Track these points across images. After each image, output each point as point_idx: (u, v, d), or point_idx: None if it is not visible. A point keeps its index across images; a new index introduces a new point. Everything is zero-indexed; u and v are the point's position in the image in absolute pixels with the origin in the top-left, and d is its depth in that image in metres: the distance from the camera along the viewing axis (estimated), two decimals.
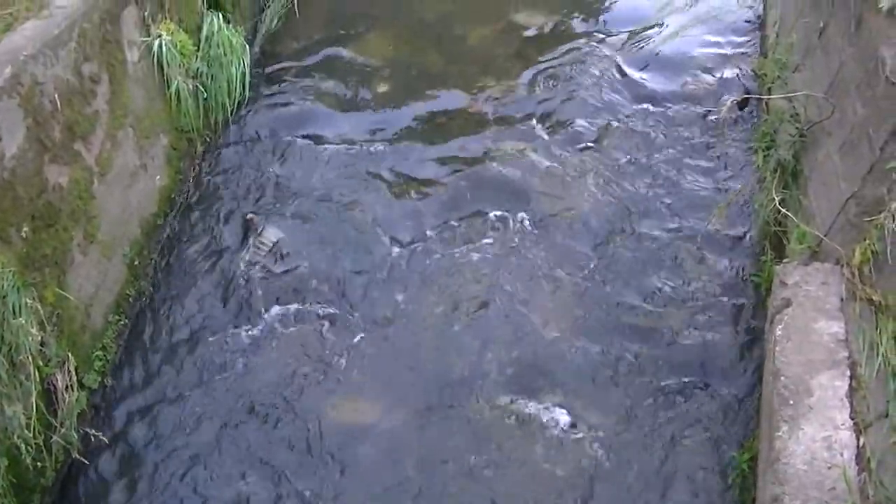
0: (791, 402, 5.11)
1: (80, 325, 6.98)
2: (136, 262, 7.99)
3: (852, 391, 5.10)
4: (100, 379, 7.17)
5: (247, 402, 7.19)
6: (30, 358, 5.93)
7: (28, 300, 5.99)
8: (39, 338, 6.11)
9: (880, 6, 6.03)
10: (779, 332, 5.57)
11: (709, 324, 7.50)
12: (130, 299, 7.87)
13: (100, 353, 7.24)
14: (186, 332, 7.76)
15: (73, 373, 6.52)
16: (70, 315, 6.80)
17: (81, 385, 6.77)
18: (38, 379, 6.05)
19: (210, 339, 7.69)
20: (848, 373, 5.19)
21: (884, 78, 5.54)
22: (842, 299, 5.64)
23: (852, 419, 4.96)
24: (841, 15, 6.77)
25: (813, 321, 5.56)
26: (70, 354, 6.55)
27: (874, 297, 5.29)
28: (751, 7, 11.50)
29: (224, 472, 6.77)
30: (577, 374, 7.24)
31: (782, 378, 5.25)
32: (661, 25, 10.85)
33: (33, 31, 6.67)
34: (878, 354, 4.94)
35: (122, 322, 7.66)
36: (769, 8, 11.06)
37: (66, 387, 6.43)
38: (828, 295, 5.71)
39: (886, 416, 4.66)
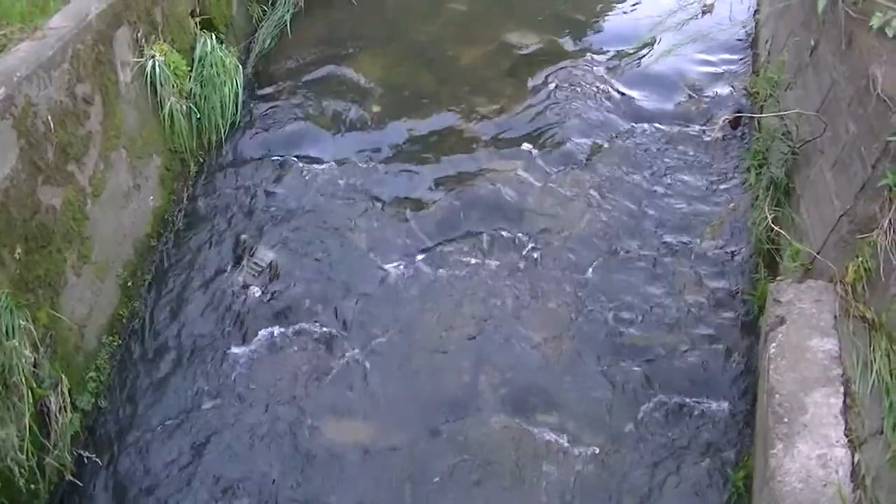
0: (785, 419, 5.11)
1: (74, 347, 6.96)
2: (130, 283, 7.98)
3: (846, 408, 5.11)
4: (93, 400, 7.15)
5: (240, 422, 7.15)
6: (23, 380, 5.91)
7: (21, 322, 5.98)
8: (33, 359, 6.09)
9: (871, 24, 6.07)
10: (773, 350, 5.57)
11: (703, 342, 7.49)
12: (124, 320, 7.85)
13: (93, 374, 7.22)
14: (180, 353, 7.73)
15: (67, 394, 6.48)
16: (63, 336, 6.78)
17: (75, 407, 6.74)
18: (31, 401, 6.01)
19: (203, 360, 7.66)
20: (842, 390, 5.20)
21: (875, 96, 5.57)
22: (835, 316, 5.65)
23: (847, 436, 4.96)
24: (832, 33, 6.81)
25: (807, 338, 5.57)
26: (63, 376, 6.51)
27: (867, 315, 5.31)
28: (743, 26, 11.55)
29: (217, 493, 6.74)
30: (571, 394, 7.22)
31: (776, 396, 5.25)
32: (653, 44, 10.88)
33: (27, 53, 6.69)
34: (871, 371, 4.95)
35: (115, 343, 7.63)
36: (760, 26, 11.12)
37: (60, 408, 6.40)
38: (821, 312, 5.73)
39: (881, 432, 4.66)
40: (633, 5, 13.09)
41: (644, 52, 11.48)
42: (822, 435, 4.99)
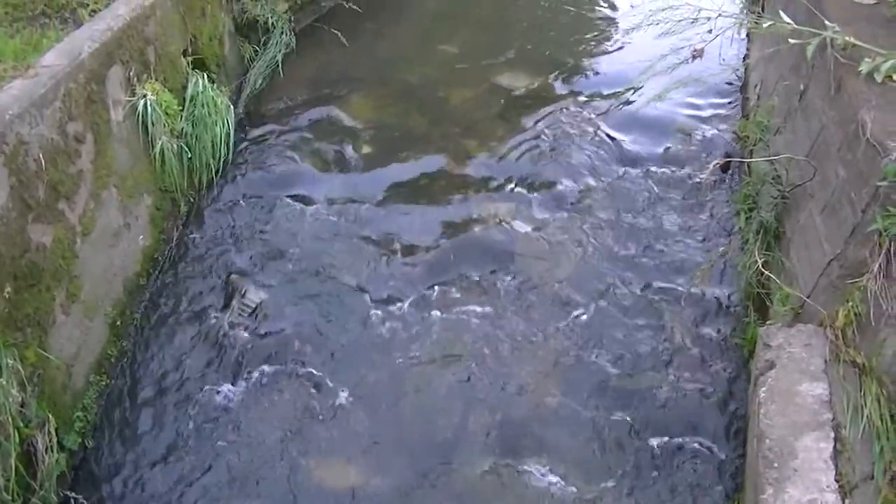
0: (776, 464, 5.09)
1: (61, 386, 6.91)
2: (119, 323, 7.95)
3: (837, 453, 5.09)
4: (80, 440, 7.07)
5: (228, 464, 7.10)
6: (10, 419, 5.87)
7: (9, 360, 5.95)
8: (20, 399, 6.06)
9: (859, 70, 6.11)
10: (763, 395, 5.57)
11: (692, 386, 7.47)
12: (112, 359, 7.81)
13: (80, 413, 7.15)
14: (168, 393, 7.69)
15: (54, 434, 6.42)
16: (51, 375, 6.73)
17: (62, 446, 6.67)
18: (17, 440, 5.97)
19: (192, 400, 7.61)
20: (832, 435, 5.19)
21: (864, 141, 5.58)
22: (825, 361, 5.65)
23: (837, 481, 4.94)
24: (821, 78, 6.85)
25: (797, 383, 5.56)
26: (50, 415, 6.45)
27: (858, 359, 5.31)
28: (733, 70, 11.62)
29: None
30: (561, 437, 7.19)
31: (767, 440, 5.24)
32: (643, 88, 10.92)
33: (19, 91, 6.69)
34: (862, 416, 4.94)
35: (103, 382, 7.58)
36: (750, 71, 11.20)
37: (46, 448, 6.33)
38: (811, 357, 5.72)
39: (872, 478, 4.65)
40: (624, 49, 13.17)
41: (634, 95, 11.54)
42: (813, 480, 4.97)
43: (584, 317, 8.24)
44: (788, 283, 6.61)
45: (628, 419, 7.25)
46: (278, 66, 12.15)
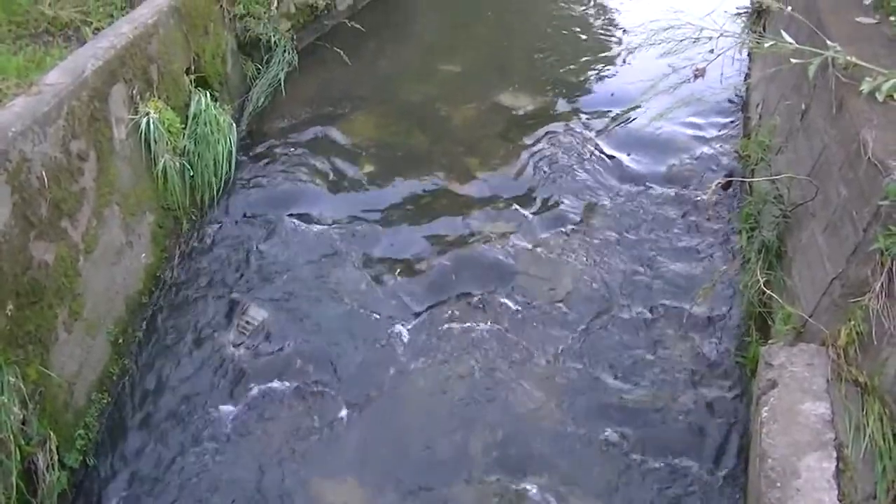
0: (778, 484, 5.08)
1: (63, 404, 6.91)
2: (121, 340, 7.95)
3: (840, 473, 5.08)
4: (81, 458, 7.07)
5: (230, 482, 7.08)
6: (11, 437, 5.87)
7: (11, 378, 5.95)
8: (21, 416, 6.06)
9: (861, 89, 6.11)
10: (765, 414, 5.55)
11: (694, 405, 7.46)
12: (114, 377, 7.80)
13: (82, 431, 7.15)
14: (169, 411, 7.68)
15: (55, 452, 6.42)
16: (53, 393, 6.73)
17: (63, 464, 6.68)
18: (18, 458, 5.97)
19: (193, 418, 7.61)
20: (835, 454, 5.18)
21: (866, 160, 5.58)
22: (828, 380, 5.63)
23: (840, 501, 4.93)
24: (822, 97, 6.85)
25: (799, 402, 5.55)
26: (52, 433, 6.46)
27: (860, 378, 5.29)
28: (734, 89, 11.65)
29: None
30: (562, 456, 7.17)
31: (769, 460, 5.22)
32: (645, 107, 10.93)
33: (22, 108, 6.71)
34: (864, 436, 4.93)
35: (104, 400, 7.58)
36: (752, 90, 11.20)
37: (48, 466, 6.34)
38: (813, 376, 5.71)
39: (874, 497, 4.64)
40: (626, 69, 13.19)
41: (636, 114, 11.56)
42: (816, 500, 4.95)
43: (586, 335, 8.23)
44: (790, 302, 6.60)
45: (629, 438, 7.24)
46: (281, 84, 12.17)
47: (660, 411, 7.45)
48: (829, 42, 6.50)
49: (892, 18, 7.38)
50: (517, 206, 10.04)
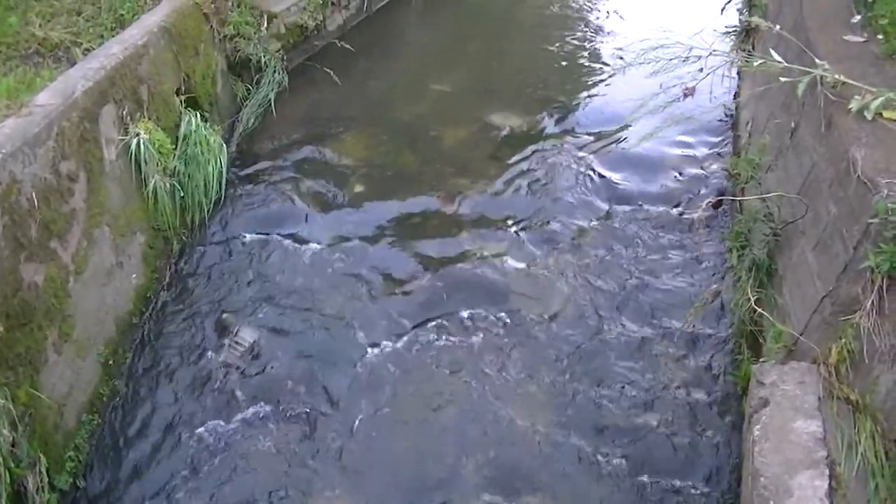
0: (771, 502, 5.07)
1: (53, 425, 6.88)
2: (111, 362, 7.92)
3: (832, 491, 5.08)
4: (71, 480, 7.03)
5: (221, 503, 7.07)
6: (0, 459, 5.84)
7: (0, 400, 5.92)
8: (11, 439, 6.03)
9: (850, 107, 6.14)
10: (757, 432, 5.55)
11: (687, 424, 7.46)
12: (104, 398, 7.77)
13: (72, 453, 7.12)
14: (160, 432, 7.64)
15: (45, 474, 6.39)
16: (43, 415, 6.70)
17: (52, 487, 6.64)
18: (8, 480, 5.95)
19: (183, 439, 7.57)
20: (827, 472, 5.18)
21: (855, 178, 5.60)
22: (819, 398, 5.64)
23: None
24: (811, 116, 6.88)
25: (791, 420, 5.55)
26: (42, 455, 6.43)
27: (851, 396, 5.30)
28: (724, 108, 11.69)
29: None
30: (555, 475, 7.15)
31: (762, 478, 5.22)
32: (635, 126, 10.96)
33: (12, 130, 6.71)
34: (856, 453, 4.94)
35: (94, 422, 7.55)
36: (741, 108, 11.24)
37: (37, 489, 6.30)
38: (805, 394, 5.71)
39: None
40: (616, 88, 13.20)
41: (626, 134, 11.59)
42: None
43: (577, 354, 8.22)
44: (781, 321, 6.61)
45: (622, 457, 7.23)
46: (271, 104, 12.19)
47: (652, 430, 7.44)
48: (817, 60, 6.54)
49: (879, 37, 7.42)
50: (508, 226, 10.06)
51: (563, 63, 14.41)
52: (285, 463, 7.35)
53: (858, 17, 7.85)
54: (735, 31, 11.62)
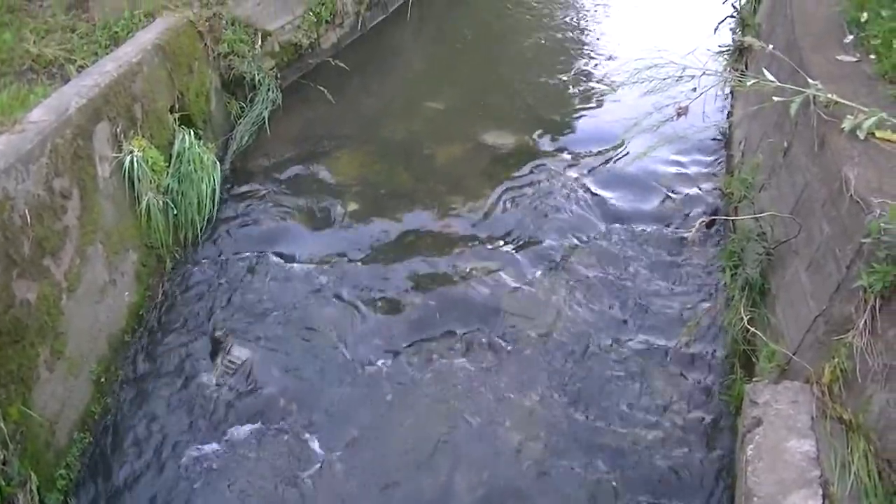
0: None
1: (44, 443, 6.85)
2: (103, 379, 7.90)
3: None
4: (62, 498, 7.00)
5: None
6: None
7: None
8: (2, 457, 6.01)
9: (842, 127, 6.16)
10: (750, 452, 5.54)
11: (680, 443, 7.44)
12: (96, 416, 7.75)
13: (63, 471, 7.08)
14: (151, 450, 7.62)
15: (36, 493, 6.37)
16: (34, 433, 6.68)
17: None
18: None
19: (175, 458, 7.55)
20: (821, 492, 5.16)
21: (848, 197, 5.61)
22: (812, 418, 5.63)
23: None
24: (804, 135, 6.89)
25: (784, 440, 5.54)
26: (33, 473, 6.40)
27: (844, 416, 5.30)
28: (717, 127, 11.72)
29: None
30: (548, 495, 7.13)
31: (755, 498, 5.21)
32: (629, 145, 10.99)
33: (6, 146, 6.72)
34: (850, 473, 4.93)
35: (86, 440, 7.52)
36: (734, 128, 11.26)
37: None
38: (798, 413, 5.71)
39: None
40: (609, 107, 13.22)
41: (619, 152, 11.60)
42: None
43: (570, 374, 8.20)
44: (774, 340, 6.60)
45: (615, 477, 7.20)
46: (265, 122, 12.19)
47: (645, 449, 7.42)
48: (810, 80, 6.55)
49: (871, 57, 7.44)
50: (501, 245, 10.05)
51: (557, 81, 14.40)
52: (276, 482, 7.31)
53: (851, 37, 7.87)
54: (728, 50, 11.65)
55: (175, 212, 9.38)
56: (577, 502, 7.07)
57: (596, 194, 10.96)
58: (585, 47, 16.03)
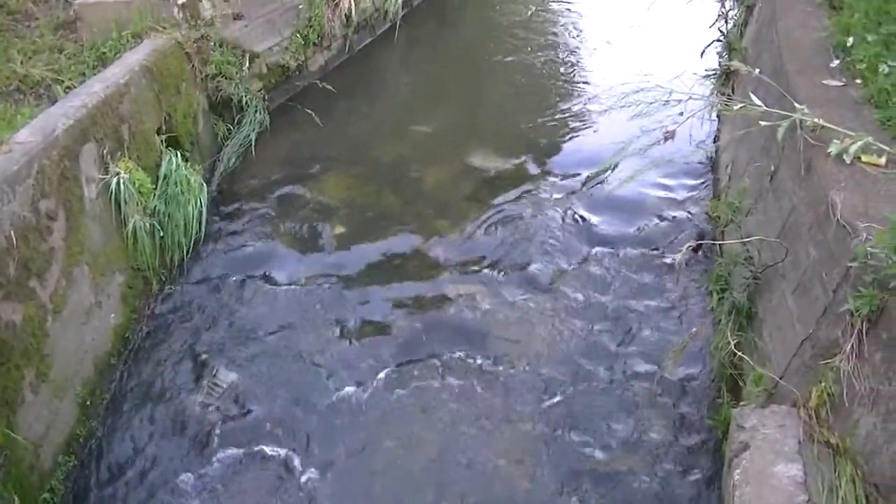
0: None
1: (29, 466, 6.81)
2: (88, 402, 7.86)
3: None
4: None
5: None
6: None
7: None
8: None
9: (829, 151, 6.18)
10: (737, 477, 5.53)
11: (667, 468, 7.42)
12: (81, 439, 7.71)
13: (47, 495, 7.03)
14: (137, 474, 7.58)
15: None
16: (18, 456, 6.63)
17: None
18: None
19: (161, 481, 7.50)
20: None
21: (834, 221, 5.62)
22: (799, 442, 5.62)
23: None
24: (791, 159, 6.90)
25: (771, 464, 5.53)
26: (16, 497, 6.36)
27: (831, 440, 5.30)
28: (704, 151, 11.74)
29: None
30: None
31: None
32: (615, 169, 10.99)
33: None
34: (837, 497, 4.94)
35: (71, 463, 7.47)
36: (721, 152, 11.28)
37: None
38: (785, 437, 5.70)
39: None
40: (596, 131, 13.26)
41: (606, 176, 11.60)
42: None
43: (557, 399, 8.18)
44: (761, 364, 6.60)
45: (602, 502, 7.18)
46: (252, 144, 12.20)
47: (631, 474, 7.40)
48: (796, 104, 6.57)
49: (858, 81, 7.47)
50: (487, 269, 10.04)
51: (545, 105, 14.43)
52: None
53: (837, 62, 7.90)
54: (715, 74, 11.69)
55: (161, 234, 9.37)
56: None
57: (583, 218, 10.97)
58: (573, 70, 16.08)
